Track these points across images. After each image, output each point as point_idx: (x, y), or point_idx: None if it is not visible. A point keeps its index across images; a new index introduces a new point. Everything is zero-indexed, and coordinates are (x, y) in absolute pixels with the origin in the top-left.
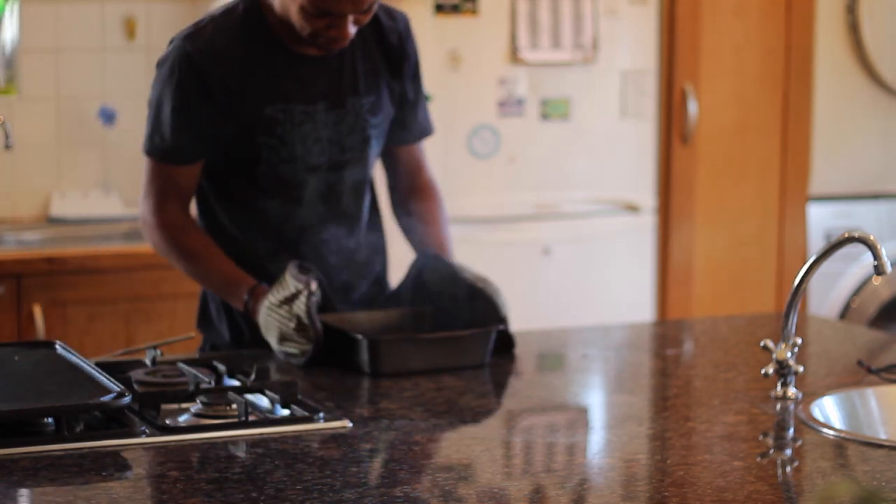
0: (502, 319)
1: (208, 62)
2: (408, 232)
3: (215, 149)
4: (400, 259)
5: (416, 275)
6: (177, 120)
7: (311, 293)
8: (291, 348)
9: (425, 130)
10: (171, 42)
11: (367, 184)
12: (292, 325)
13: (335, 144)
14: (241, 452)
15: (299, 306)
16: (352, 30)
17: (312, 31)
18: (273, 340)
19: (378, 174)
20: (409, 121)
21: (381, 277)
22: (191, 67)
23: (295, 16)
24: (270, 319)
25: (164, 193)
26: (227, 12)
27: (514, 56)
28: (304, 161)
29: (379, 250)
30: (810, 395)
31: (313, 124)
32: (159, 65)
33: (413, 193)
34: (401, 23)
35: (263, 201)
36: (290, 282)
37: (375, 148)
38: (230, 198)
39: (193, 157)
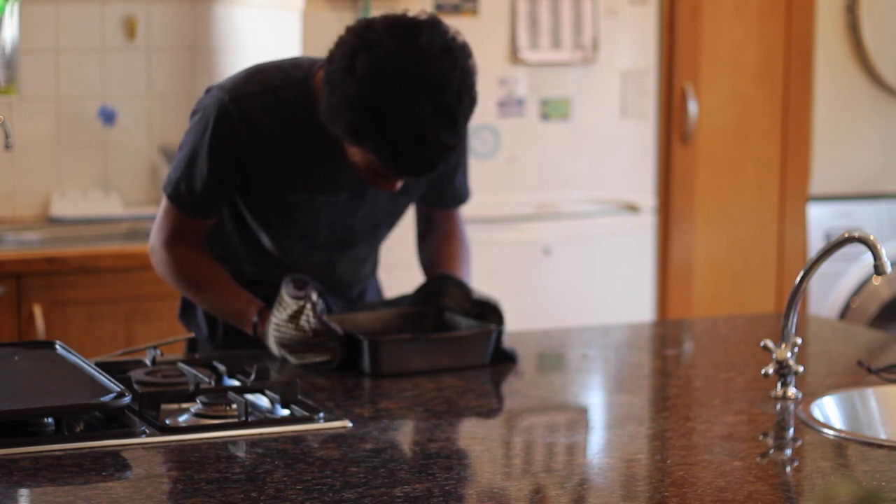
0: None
1: (244, 129)
2: (428, 271)
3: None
4: None
5: (430, 292)
6: (211, 179)
7: (313, 304)
8: (317, 358)
9: (459, 198)
10: (207, 91)
11: (370, 258)
12: (309, 336)
13: (346, 229)
14: (241, 452)
15: (308, 320)
16: (399, 185)
17: (365, 177)
18: (290, 356)
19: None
20: (442, 189)
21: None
22: (228, 125)
23: (354, 159)
24: (282, 337)
25: (177, 233)
26: (279, 85)
27: (514, 56)
28: (312, 241)
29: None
30: (810, 395)
31: (331, 212)
32: (194, 113)
33: (439, 240)
34: None
35: (261, 258)
36: (289, 300)
37: (386, 230)
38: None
39: (214, 214)
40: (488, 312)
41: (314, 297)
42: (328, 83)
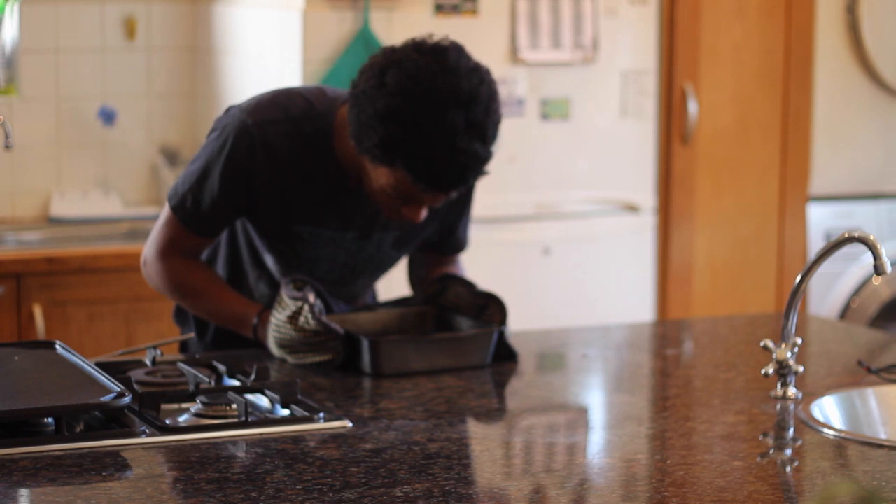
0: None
1: (262, 153)
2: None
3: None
4: None
5: (431, 293)
6: (220, 198)
7: (311, 305)
8: (317, 358)
9: (457, 247)
10: (228, 110)
11: (366, 294)
12: (309, 337)
13: (347, 266)
14: (241, 452)
15: (306, 321)
16: (423, 213)
17: (387, 208)
18: (290, 357)
19: None
20: (443, 238)
21: None
22: (247, 147)
23: (375, 191)
24: (283, 338)
25: (172, 246)
26: (301, 117)
27: (514, 56)
28: (311, 273)
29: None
30: (810, 395)
31: (335, 249)
32: (212, 131)
33: (436, 267)
34: None
35: (265, 280)
36: (288, 301)
37: (385, 272)
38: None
39: (215, 234)
40: (491, 304)
41: (311, 297)
42: (356, 104)
